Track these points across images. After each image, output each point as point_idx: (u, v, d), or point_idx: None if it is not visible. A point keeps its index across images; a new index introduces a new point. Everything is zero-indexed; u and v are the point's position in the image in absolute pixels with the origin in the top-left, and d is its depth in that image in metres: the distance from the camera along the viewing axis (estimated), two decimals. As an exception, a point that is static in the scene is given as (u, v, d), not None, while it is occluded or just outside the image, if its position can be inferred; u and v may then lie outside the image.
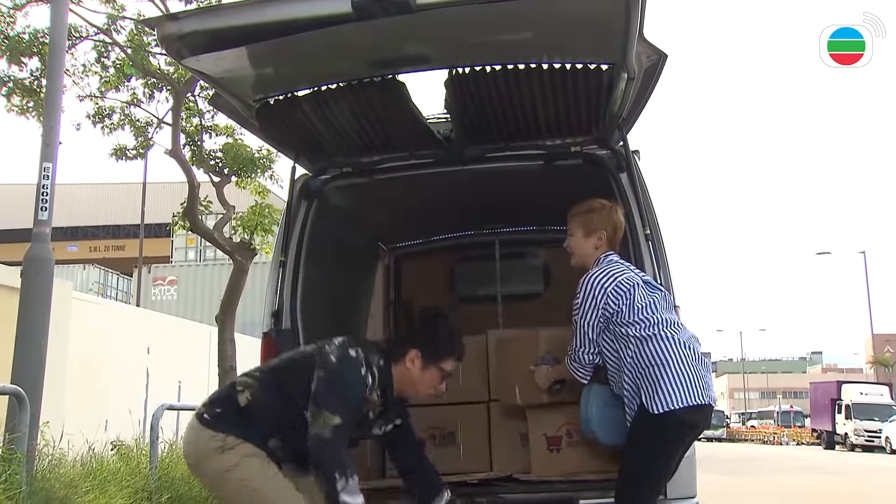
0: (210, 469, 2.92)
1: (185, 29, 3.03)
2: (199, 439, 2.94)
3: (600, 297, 3.25)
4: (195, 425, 2.98)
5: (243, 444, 2.87)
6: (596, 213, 3.45)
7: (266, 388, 2.99)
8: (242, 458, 2.85)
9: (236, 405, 2.96)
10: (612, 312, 3.24)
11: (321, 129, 3.82)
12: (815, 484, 13.71)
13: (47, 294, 5.53)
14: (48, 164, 5.66)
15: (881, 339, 46.62)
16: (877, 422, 31.10)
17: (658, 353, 3.14)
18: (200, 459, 2.94)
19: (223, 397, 3.06)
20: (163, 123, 11.86)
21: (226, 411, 2.96)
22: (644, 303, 3.25)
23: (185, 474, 6.15)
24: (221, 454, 2.86)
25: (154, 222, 31.51)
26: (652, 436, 3.11)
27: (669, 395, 3.07)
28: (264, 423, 2.93)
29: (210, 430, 2.91)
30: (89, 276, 31.73)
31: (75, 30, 10.61)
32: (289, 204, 4.13)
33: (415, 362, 3.06)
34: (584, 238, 3.44)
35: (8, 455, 4.68)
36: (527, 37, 3.20)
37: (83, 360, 10.49)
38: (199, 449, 2.93)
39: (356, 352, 2.96)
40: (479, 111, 3.67)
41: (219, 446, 2.87)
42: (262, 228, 11.46)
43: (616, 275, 3.30)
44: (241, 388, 3.02)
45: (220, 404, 3.01)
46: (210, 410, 2.99)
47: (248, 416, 2.92)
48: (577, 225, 3.46)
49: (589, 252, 3.44)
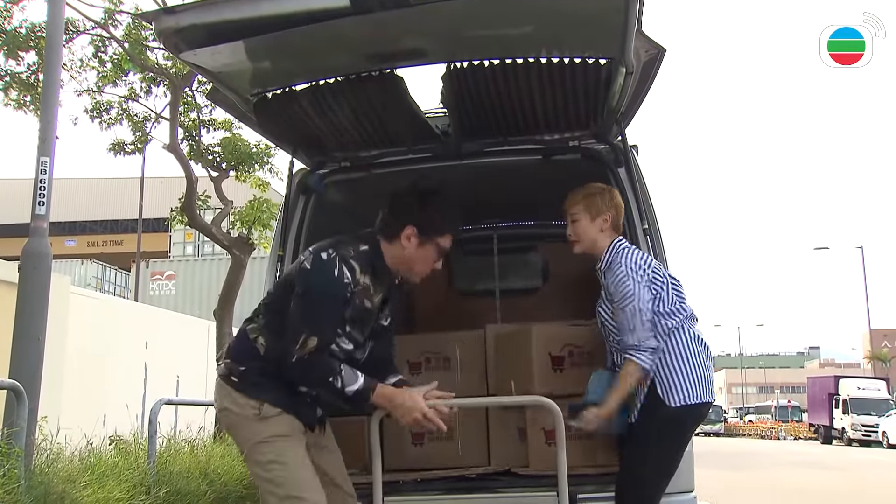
0: (243, 437, 2.92)
1: (182, 23, 3.02)
2: (234, 404, 2.91)
3: (648, 274, 3.20)
4: (226, 389, 2.93)
5: (281, 415, 2.86)
6: (598, 195, 3.41)
7: (270, 329, 2.93)
8: (277, 436, 2.85)
9: (258, 355, 2.93)
10: (653, 295, 3.19)
11: (319, 123, 3.81)
12: (812, 479, 13.75)
13: (45, 289, 5.52)
14: (45, 159, 5.65)
15: (878, 335, 46.81)
16: (874, 416, 31.21)
17: (683, 345, 3.15)
18: (233, 424, 2.93)
19: (243, 349, 2.98)
20: (161, 118, 11.86)
21: (249, 367, 2.91)
22: (676, 291, 3.24)
23: (184, 469, 6.15)
24: (258, 422, 2.86)
25: (152, 217, 31.50)
26: (669, 428, 3.13)
27: (689, 388, 3.10)
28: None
29: (244, 396, 2.88)
30: (87, 270, 31.72)
31: (72, 24, 10.60)
32: (287, 198, 4.12)
33: (410, 240, 2.95)
34: (590, 222, 3.37)
35: (6, 450, 4.67)
36: (525, 31, 3.19)
37: (81, 354, 10.48)
38: (235, 414, 2.91)
39: (327, 253, 2.85)
40: (477, 105, 3.67)
41: (255, 414, 2.86)
42: (261, 223, 11.47)
43: (646, 257, 3.30)
44: (254, 334, 2.97)
45: (243, 358, 2.95)
46: (235, 370, 2.93)
47: (271, 365, 2.87)
48: (582, 209, 3.39)
49: (595, 235, 3.38)
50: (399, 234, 2.95)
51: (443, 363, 4.19)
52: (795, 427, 45.46)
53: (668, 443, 3.16)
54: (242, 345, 3.00)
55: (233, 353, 3.03)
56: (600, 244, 3.36)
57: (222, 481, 6.36)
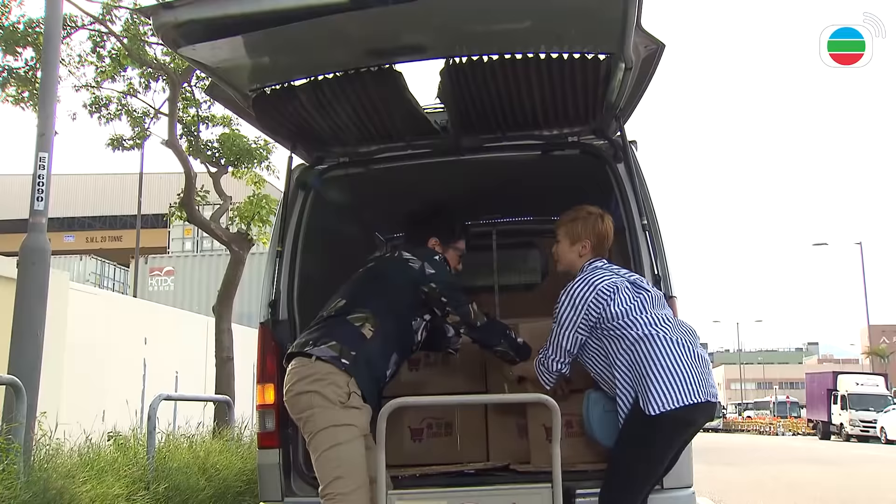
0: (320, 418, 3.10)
1: (180, 18, 3.01)
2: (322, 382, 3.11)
3: (580, 307, 3.25)
4: (320, 366, 3.14)
5: (362, 410, 3.14)
6: (580, 221, 3.47)
7: (380, 316, 3.31)
8: (353, 425, 3.10)
9: (364, 340, 3.24)
10: (595, 319, 3.24)
11: (318, 118, 3.81)
12: (810, 474, 13.78)
13: (44, 284, 5.52)
14: (44, 154, 5.65)
15: (877, 330, 46.86)
16: (872, 412, 31.24)
17: (650, 354, 3.10)
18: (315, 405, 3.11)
19: (350, 334, 3.24)
20: (159, 114, 11.84)
21: (359, 354, 3.19)
22: (628, 306, 3.22)
23: (182, 464, 6.16)
24: (342, 410, 3.10)
25: (151, 213, 31.51)
26: (646, 436, 3.10)
27: (663, 395, 3.04)
28: (386, 352, 3.29)
29: (347, 378, 3.13)
30: (86, 266, 31.75)
31: (71, 19, 10.58)
32: (286, 194, 4.12)
33: (436, 247, 3.62)
34: (569, 246, 3.49)
35: (5, 445, 4.68)
36: (524, 26, 3.19)
37: (80, 350, 10.49)
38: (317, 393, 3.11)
39: (438, 258, 3.52)
40: (475, 101, 3.66)
41: (342, 401, 3.11)
42: (260, 219, 11.46)
43: (596, 282, 3.28)
44: (359, 321, 3.28)
45: (352, 343, 3.21)
46: (346, 352, 3.17)
47: (373, 353, 3.24)
48: (563, 233, 3.51)
49: (573, 260, 3.47)
50: (426, 244, 3.64)
51: (441, 359, 4.19)
52: (794, 423, 45.53)
53: (649, 448, 3.13)
54: (349, 332, 3.24)
55: (340, 337, 3.23)
56: (577, 266, 3.44)
57: (221, 477, 6.37)
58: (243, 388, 10.87)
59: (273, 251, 4.05)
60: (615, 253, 3.91)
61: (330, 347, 3.17)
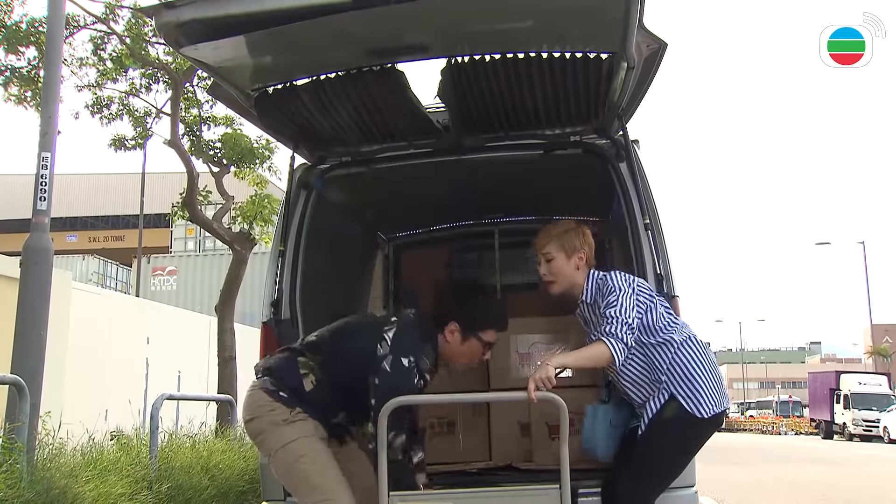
0: (270, 439, 3.08)
1: (182, 17, 3.01)
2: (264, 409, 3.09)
3: (635, 288, 3.17)
4: (261, 395, 3.11)
5: (307, 420, 3.06)
6: (573, 232, 3.37)
7: (326, 371, 3.12)
8: (303, 436, 3.03)
9: (302, 390, 3.11)
10: (643, 310, 3.15)
11: (320, 118, 3.81)
12: (812, 473, 13.76)
13: (47, 284, 5.53)
14: (47, 154, 5.65)
15: (880, 330, 46.72)
16: (875, 411, 31.18)
17: (695, 356, 3.15)
18: (264, 429, 3.09)
19: (293, 377, 3.13)
20: (161, 113, 11.85)
21: (296, 399, 3.09)
22: (665, 307, 3.23)
23: (185, 464, 6.16)
24: (287, 426, 3.04)
25: (153, 212, 31.52)
26: (692, 438, 3.16)
27: (711, 398, 3.12)
28: (329, 406, 3.12)
29: (277, 402, 3.07)
30: (89, 266, 31.77)
31: (73, 19, 10.58)
32: (288, 194, 4.12)
33: (454, 334, 3.16)
34: (566, 260, 3.33)
35: (8, 444, 4.69)
36: (526, 25, 3.18)
37: (83, 350, 10.50)
38: (263, 418, 3.09)
39: (409, 360, 3.05)
40: (477, 100, 3.66)
41: (284, 419, 3.04)
42: (262, 218, 11.47)
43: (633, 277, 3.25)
44: (304, 369, 3.14)
45: (290, 386, 3.11)
46: (284, 389, 3.10)
47: (313, 403, 3.09)
48: (557, 247, 3.34)
49: (571, 274, 3.33)
50: (443, 329, 3.18)
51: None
52: (796, 422, 45.47)
53: (691, 449, 3.19)
54: (293, 375, 3.15)
55: (284, 375, 3.16)
56: (577, 281, 3.32)
57: (224, 476, 6.37)
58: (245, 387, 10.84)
59: (275, 251, 4.06)
60: (618, 252, 3.91)
61: (272, 382, 3.13)
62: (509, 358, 4.37)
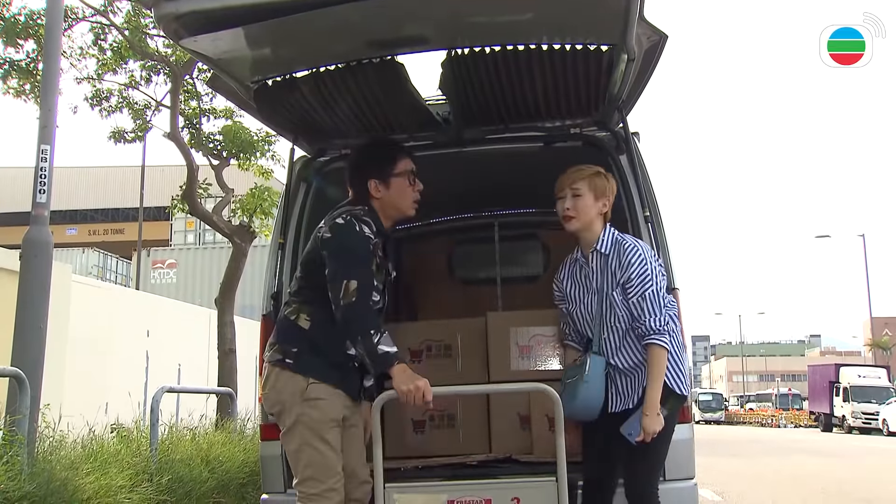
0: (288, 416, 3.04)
1: (182, 9, 3.00)
2: (285, 385, 3.05)
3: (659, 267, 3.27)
4: (279, 372, 3.07)
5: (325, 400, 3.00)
6: (603, 177, 3.38)
7: (308, 302, 3.10)
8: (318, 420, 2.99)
9: (303, 332, 3.07)
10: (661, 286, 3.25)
11: (319, 110, 3.80)
12: (812, 466, 13.80)
13: (46, 277, 5.52)
14: (46, 147, 5.63)
15: (879, 322, 46.77)
16: (874, 404, 31.23)
17: (681, 336, 3.26)
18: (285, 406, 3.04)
19: (289, 331, 3.12)
20: (161, 106, 11.84)
21: (301, 348, 3.06)
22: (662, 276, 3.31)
23: (185, 456, 6.17)
24: (302, 403, 3.00)
25: (153, 205, 31.49)
26: (675, 415, 3.23)
27: (686, 377, 3.24)
28: (334, 337, 3.04)
29: (298, 376, 3.03)
30: (89, 259, 31.74)
31: (72, 11, 10.56)
32: (287, 186, 4.11)
33: (379, 188, 3.19)
34: (593, 200, 3.31)
35: (9, 437, 4.69)
36: (526, 17, 3.17)
37: (83, 343, 10.52)
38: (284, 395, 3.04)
39: (343, 218, 3.09)
40: (478, 92, 3.65)
41: (302, 390, 3.00)
42: (262, 211, 11.47)
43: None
44: (294, 315, 3.12)
45: (291, 339, 3.09)
46: (288, 351, 3.07)
47: (320, 337, 3.05)
48: (587, 186, 3.31)
49: (593, 219, 3.32)
50: (368, 192, 3.19)
51: (444, 351, 4.19)
52: (796, 415, 45.52)
53: (671, 429, 3.22)
54: (287, 328, 3.14)
55: (280, 337, 3.15)
56: (596, 227, 3.33)
57: (224, 469, 6.38)
58: (246, 380, 10.89)
59: (275, 243, 4.05)
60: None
61: (275, 351, 3.11)
62: (509, 350, 4.37)
